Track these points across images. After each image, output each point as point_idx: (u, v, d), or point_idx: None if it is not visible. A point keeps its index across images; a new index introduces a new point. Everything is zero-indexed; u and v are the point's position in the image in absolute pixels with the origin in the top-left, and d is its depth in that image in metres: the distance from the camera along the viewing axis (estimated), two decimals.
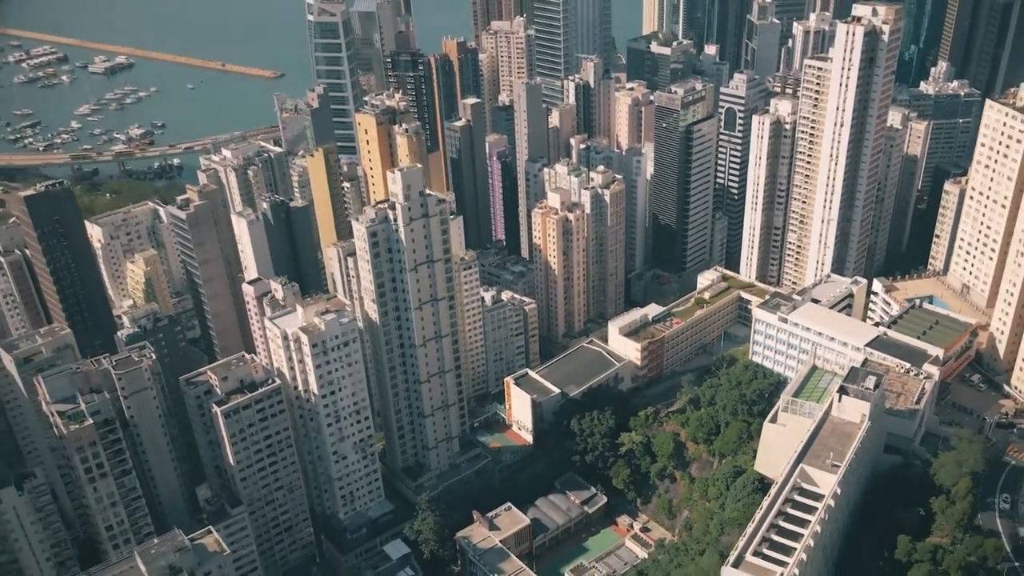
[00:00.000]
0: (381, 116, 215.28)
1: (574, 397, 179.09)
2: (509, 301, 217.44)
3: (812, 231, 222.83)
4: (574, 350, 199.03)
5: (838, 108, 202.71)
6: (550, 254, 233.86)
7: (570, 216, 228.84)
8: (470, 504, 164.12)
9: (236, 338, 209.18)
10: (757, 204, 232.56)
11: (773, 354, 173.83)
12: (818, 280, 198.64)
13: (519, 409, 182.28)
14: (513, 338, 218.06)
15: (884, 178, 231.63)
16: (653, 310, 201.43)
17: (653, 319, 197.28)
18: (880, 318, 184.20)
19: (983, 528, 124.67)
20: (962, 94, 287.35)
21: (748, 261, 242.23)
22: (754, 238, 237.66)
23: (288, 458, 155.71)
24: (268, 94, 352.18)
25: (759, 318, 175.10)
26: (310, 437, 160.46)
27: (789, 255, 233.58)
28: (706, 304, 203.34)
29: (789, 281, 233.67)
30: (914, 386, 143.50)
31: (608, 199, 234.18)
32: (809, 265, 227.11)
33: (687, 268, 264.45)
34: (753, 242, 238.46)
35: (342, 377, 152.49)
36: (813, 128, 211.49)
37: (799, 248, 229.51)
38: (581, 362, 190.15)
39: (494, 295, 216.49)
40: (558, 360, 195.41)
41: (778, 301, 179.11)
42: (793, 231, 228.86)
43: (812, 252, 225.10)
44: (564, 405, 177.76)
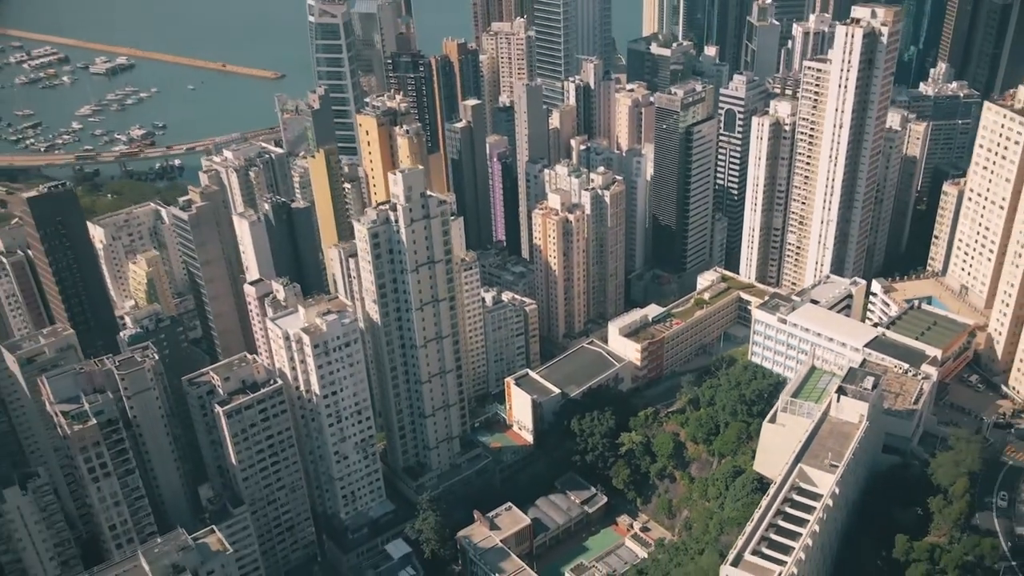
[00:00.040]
0: (382, 117, 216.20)
1: (574, 397, 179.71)
2: (509, 302, 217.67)
3: (811, 232, 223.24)
4: (574, 350, 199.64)
5: (837, 109, 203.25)
6: (550, 255, 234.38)
7: (570, 217, 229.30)
8: (471, 504, 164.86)
9: (238, 338, 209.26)
10: (757, 205, 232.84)
11: (772, 355, 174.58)
12: (817, 281, 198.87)
13: (519, 409, 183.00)
14: (513, 338, 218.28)
15: (883, 179, 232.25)
16: (653, 311, 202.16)
17: (653, 320, 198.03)
18: (879, 319, 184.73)
19: (980, 527, 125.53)
20: (961, 95, 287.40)
21: (748, 262, 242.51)
22: (754, 239, 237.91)
23: (290, 458, 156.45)
24: (269, 95, 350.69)
25: (758, 319, 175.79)
26: (312, 437, 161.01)
27: (788, 256, 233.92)
28: (706, 305, 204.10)
29: (788, 282, 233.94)
30: (912, 386, 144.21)
31: (608, 200, 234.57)
32: (808, 266, 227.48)
33: (687, 269, 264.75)
34: (753, 243, 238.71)
35: (343, 377, 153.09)
36: (812, 129, 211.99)
37: (798, 249, 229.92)
38: (581, 362, 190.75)
39: (495, 296, 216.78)
40: (558, 360, 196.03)
41: (777, 302, 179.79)
42: (792, 232, 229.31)
43: (811, 253, 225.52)
44: (564, 405, 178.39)
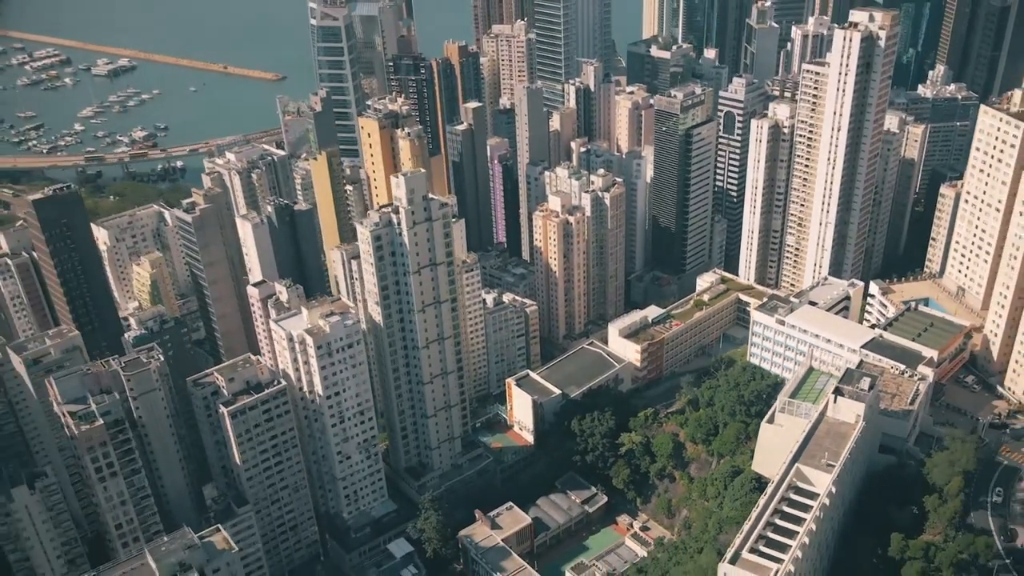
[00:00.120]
0: (384, 120, 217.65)
1: (575, 398, 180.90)
2: (510, 303, 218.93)
3: (810, 234, 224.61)
4: (575, 351, 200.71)
5: (835, 113, 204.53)
6: (551, 256, 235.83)
7: (571, 219, 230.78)
8: (472, 503, 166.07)
9: (241, 339, 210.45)
10: (756, 207, 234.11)
11: (771, 356, 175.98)
12: (815, 283, 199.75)
13: (520, 410, 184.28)
14: (514, 340, 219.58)
15: (881, 181, 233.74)
16: (653, 312, 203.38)
17: (653, 321, 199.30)
18: (876, 320, 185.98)
19: (975, 526, 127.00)
20: (959, 97, 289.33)
21: (747, 263, 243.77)
22: (753, 241, 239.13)
23: (293, 458, 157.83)
24: (270, 96, 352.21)
25: (757, 320, 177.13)
26: (315, 437, 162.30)
27: (787, 257, 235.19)
28: (705, 306, 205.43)
29: (787, 283, 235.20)
30: (909, 387, 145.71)
31: (608, 202, 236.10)
32: (807, 267, 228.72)
33: (686, 270, 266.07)
34: (752, 245, 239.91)
35: (346, 378, 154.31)
36: (811, 132, 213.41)
37: (797, 251, 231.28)
38: (581, 363, 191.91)
39: (495, 297, 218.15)
40: (559, 361, 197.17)
41: (776, 303, 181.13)
42: (791, 234, 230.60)
43: (810, 254, 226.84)
44: (565, 406, 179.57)
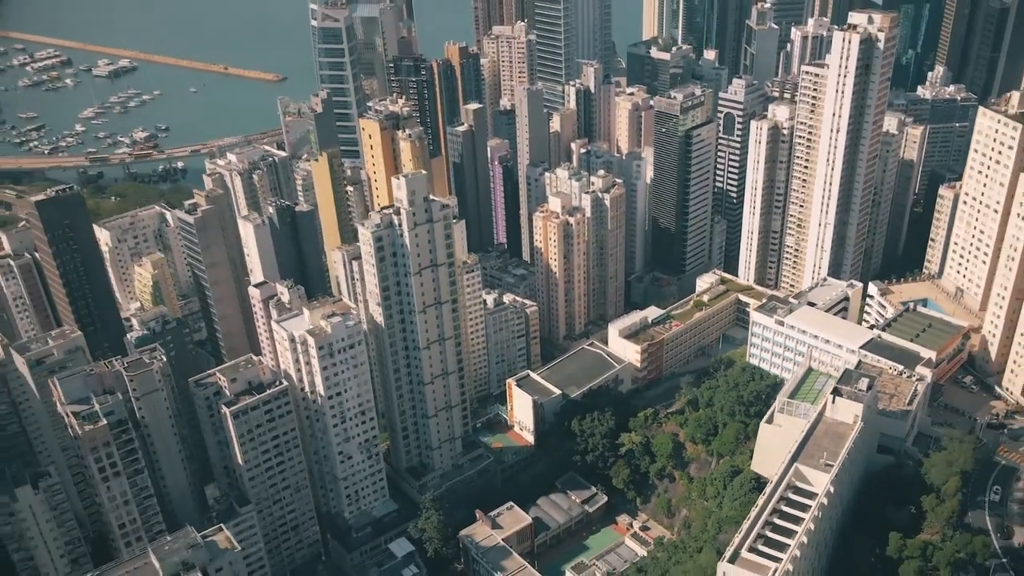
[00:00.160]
0: (385, 121, 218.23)
1: (575, 398, 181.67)
2: (511, 304, 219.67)
3: (809, 235, 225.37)
4: (575, 352, 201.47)
5: (834, 114, 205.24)
6: (551, 257, 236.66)
7: (571, 220, 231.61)
8: (473, 503, 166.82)
9: (242, 340, 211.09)
10: (755, 208, 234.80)
11: (770, 356, 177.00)
12: (814, 283, 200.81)
13: (521, 410, 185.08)
14: (515, 340, 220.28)
15: (880, 182, 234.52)
16: (652, 312, 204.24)
17: (652, 321, 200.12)
18: (875, 321, 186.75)
19: (973, 526, 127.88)
20: (959, 98, 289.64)
21: (746, 264, 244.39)
22: (752, 241, 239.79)
23: (295, 458, 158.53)
24: (271, 97, 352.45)
25: (756, 321, 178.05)
26: (316, 437, 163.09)
27: (787, 258, 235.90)
28: (705, 307, 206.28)
29: (787, 284, 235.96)
30: (907, 388, 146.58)
31: (608, 203, 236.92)
32: (806, 268, 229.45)
33: (686, 271, 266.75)
34: (751, 245, 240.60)
35: (348, 379, 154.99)
36: (810, 133, 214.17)
37: (797, 251, 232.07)
38: (582, 364, 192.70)
39: (496, 298, 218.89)
40: (559, 362, 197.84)
41: (775, 304, 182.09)
42: (791, 235, 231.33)
43: (809, 255, 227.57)
44: (565, 406, 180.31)
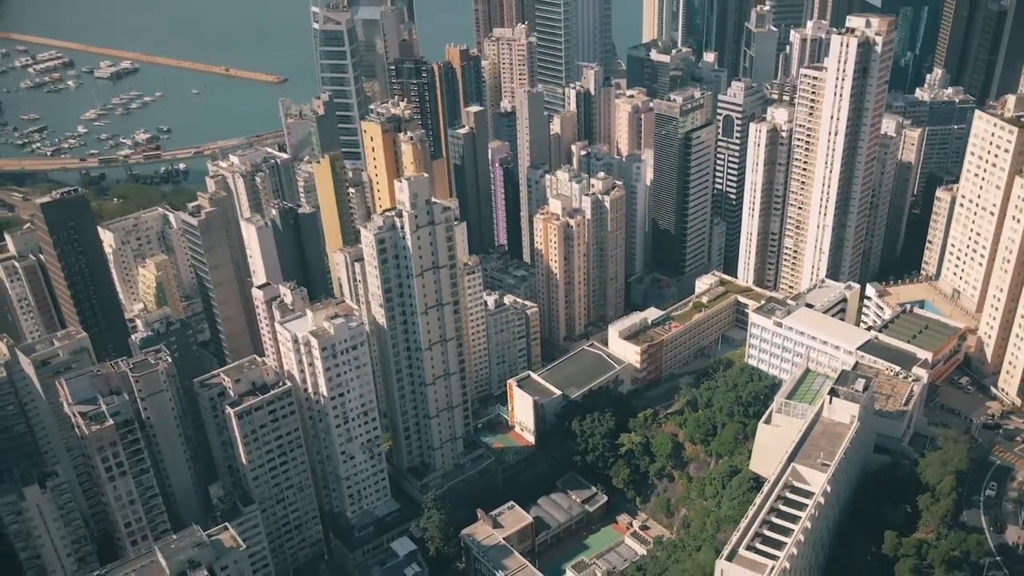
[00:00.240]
0: (386, 124, 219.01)
1: (575, 399, 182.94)
2: (511, 305, 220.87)
3: (808, 236, 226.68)
4: (575, 353, 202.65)
5: (832, 117, 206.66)
6: (551, 259, 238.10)
7: (571, 221, 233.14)
8: (474, 503, 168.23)
9: (245, 341, 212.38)
10: (754, 210, 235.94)
11: (768, 357, 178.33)
12: (813, 285, 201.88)
13: (521, 410, 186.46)
14: (515, 341, 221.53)
15: (878, 184, 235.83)
16: (652, 314, 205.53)
17: (652, 322, 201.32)
18: (873, 322, 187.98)
19: (967, 524, 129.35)
20: (957, 101, 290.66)
21: (745, 266, 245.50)
22: (751, 243, 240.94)
23: (298, 458, 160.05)
24: (272, 99, 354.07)
25: (755, 322, 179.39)
26: (319, 437, 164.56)
27: (786, 260, 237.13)
28: (704, 308, 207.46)
29: (786, 285, 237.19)
30: (903, 388, 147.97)
31: (608, 205, 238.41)
32: (805, 270, 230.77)
33: (686, 272, 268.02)
34: (750, 247, 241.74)
35: (350, 379, 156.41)
36: (809, 136, 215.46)
37: (795, 253, 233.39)
38: (582, 365, 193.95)
39: (497, 299, 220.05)
40: (559, 363, 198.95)
41: (773, 306, 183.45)
42: (789, 236, 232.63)
43: (808, 257, 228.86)
44: (565, 407, 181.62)
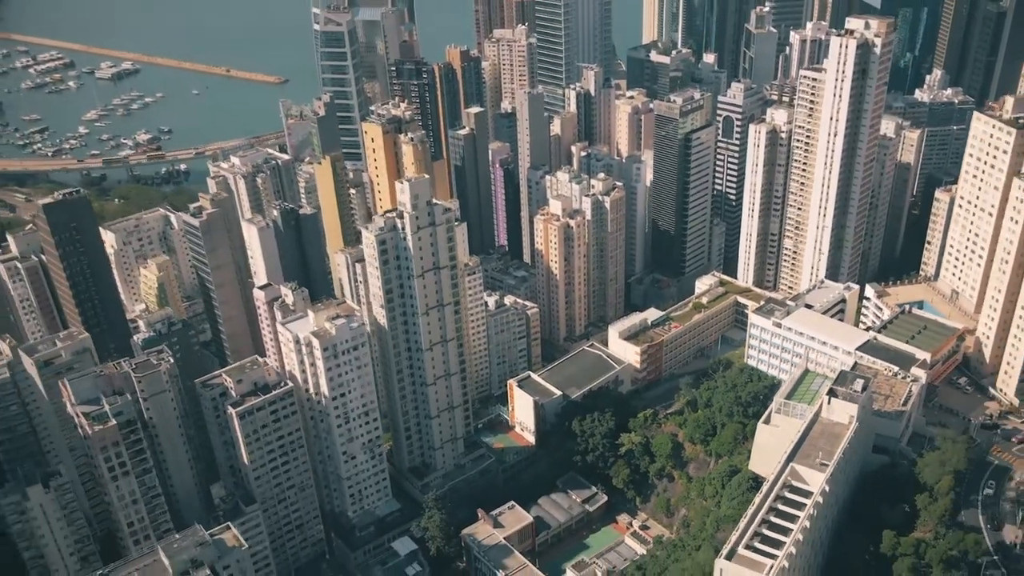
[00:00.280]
0: (387, 125, 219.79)
1: (575, 399, 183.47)
2: (512, 305, 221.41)
3: (807, 237, 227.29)
4: (575, 353, 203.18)
5: (832, 118, 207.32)
6: (552, 259, 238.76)
7: (571, 222, 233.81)
8: (475, 503, 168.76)
9: (246, 341, 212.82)
10: (754, 211, 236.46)
11: (768, 357, 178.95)
12: (812, 285, 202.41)
13: (522, 411, 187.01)
14: (516, 341, 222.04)
15: (878, 185, 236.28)
16: (652, 314, 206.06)
17: (652, 323, 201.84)
18: (872, 323, 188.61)
19: (965, 524, 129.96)
20: (956, 101, 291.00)
21: (745, 266, 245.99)
22: (751, 244, 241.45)
23: (300, 458, 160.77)
24: (273, 99, 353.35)
25: (754, 323, 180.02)
26: (321, 438, 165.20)
27: (785, 260, 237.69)
28: (704, 308, 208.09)
29: (785, 286, 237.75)
30: (902, 389, 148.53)
31: (608, 206, 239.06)
32: (804, 270, 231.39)
33: (686, 273, 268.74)
34: (750, 248, 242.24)
35: (352, 380, 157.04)
36: (808, 137, 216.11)
37: (795, 254, 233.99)
38: (582, 365, 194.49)
39: (497, 299, 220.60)
40: (560, 363, 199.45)
41: (773, 306, 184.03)
42: (789, 237, 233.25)
43: (807, 258, 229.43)
44: (565, 407, 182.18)
